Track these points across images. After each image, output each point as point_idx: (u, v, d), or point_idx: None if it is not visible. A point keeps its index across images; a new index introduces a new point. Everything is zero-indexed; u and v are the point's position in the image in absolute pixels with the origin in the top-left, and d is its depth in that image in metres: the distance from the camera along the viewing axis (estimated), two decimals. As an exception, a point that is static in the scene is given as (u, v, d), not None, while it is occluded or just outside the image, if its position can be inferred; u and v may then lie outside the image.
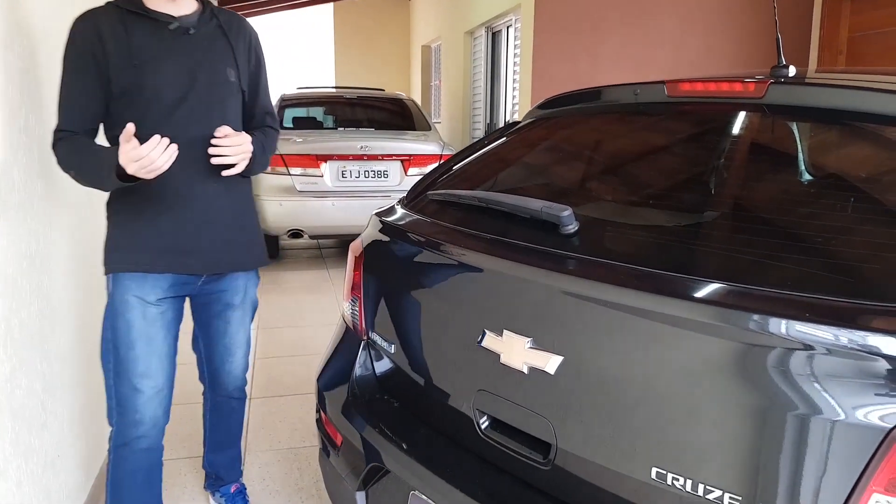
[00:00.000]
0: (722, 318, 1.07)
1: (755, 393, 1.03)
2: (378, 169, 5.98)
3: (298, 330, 4.49)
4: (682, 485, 1.09)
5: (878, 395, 0.95)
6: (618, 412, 1.18)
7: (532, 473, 1.33)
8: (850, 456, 0.97)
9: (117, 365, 1.92)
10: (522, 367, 1.29)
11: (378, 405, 1.67)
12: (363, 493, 1.62)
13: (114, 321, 1.90)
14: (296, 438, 2.99)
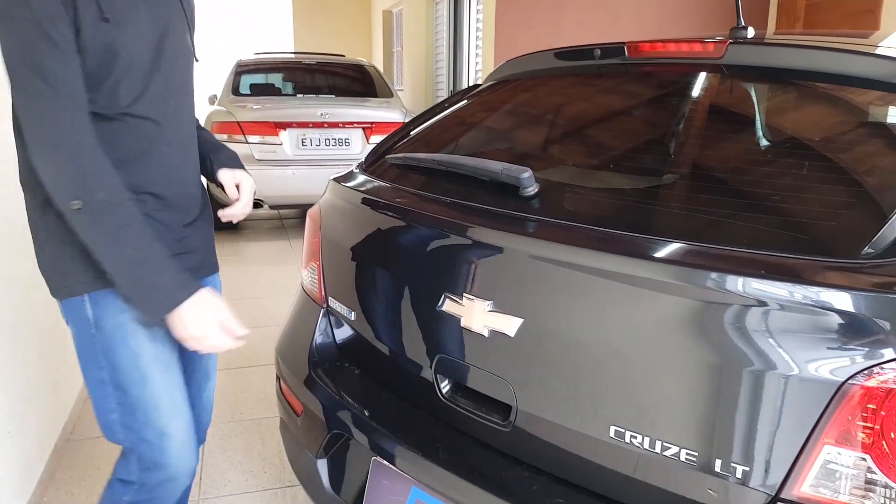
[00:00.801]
0: (679, 276, 1.07)
1: (712, 350, 1.04)
2: (339, 137, 5.89)
3: (260, 301, 4.43)
4: (639, 442, 1.10)
5: (831, 348, 0.96)
6: (577, 372, 1.18)
7: (493, 436, 1.33)
8: (804, 410, 0.98)
9: (129, 412, 1.42)
10: (483, 330, 1.28)
11: (338, 373, 1.65)
12: (324, 460, 1.61)
13: (110, 356, 1.39)
14: (258, 409, 2.96)
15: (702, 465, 1.05)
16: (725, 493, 1.04)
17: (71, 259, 1.35)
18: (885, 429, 0.95)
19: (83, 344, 1.41)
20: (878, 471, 0.95)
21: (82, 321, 1.39)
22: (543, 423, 1.24)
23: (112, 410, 1.43)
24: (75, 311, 1.39)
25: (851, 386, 0.96)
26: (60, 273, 1.37)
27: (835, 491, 0.97)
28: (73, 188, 1.23)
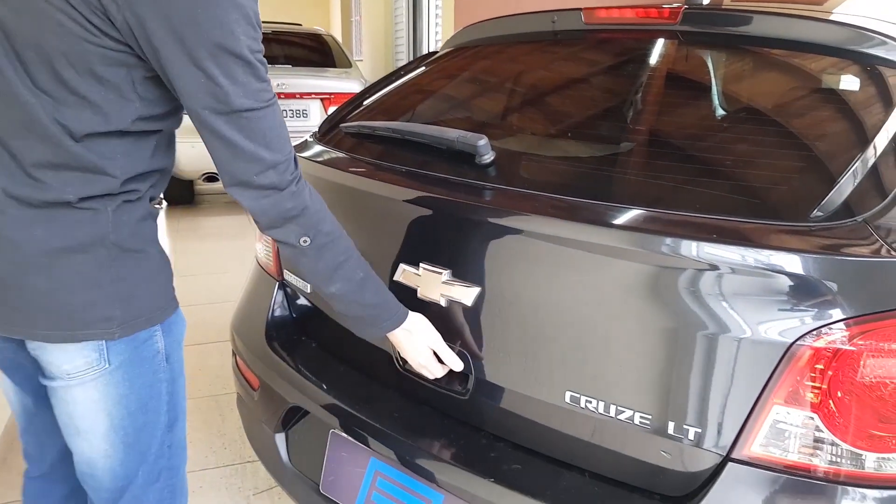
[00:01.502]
0: (634, 242, 1.07)
1: (665, 314, 1.05)
2: (297, 108, 5.77)
3: (217, 276, 4.36)
4: (594, 407, 1.11)
5: (780, 310, 0.97)
6: (533, 339, 1.18)
7: (451, 405, 1.33)
8: (754, 371, 0.99)
9: (175, 453, 1.26)
10: (440, 300, 1.27)
11: (295, 346, 1.63)
12: (282, 434, 1.59)
13: (173, 392, 1.21)
14: (217, 386, 2.93)
15: (655, 427, 1.06)
16: (679, 455, 1.05)
17: (146, 289, 1.11)
18: (832, 388, 0.97)
19: (147, 385, 1.15)
20: (825, 429, 0.97)
21: (150, 357, 1.14)
22: (500, 390, 1.24)
23: (163, 457, 1.21)
24: (141, 348, 1.12)
25: (800, 347, 0.97)
26: (127, 306, 1.08)
27: (784, 450, 0.99)
28: None
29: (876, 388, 0.95)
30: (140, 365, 1.13)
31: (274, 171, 1.03)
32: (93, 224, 1.03)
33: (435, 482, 1.26)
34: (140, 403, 1.15)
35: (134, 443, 1.16)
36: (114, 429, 1.13)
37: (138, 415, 1.15)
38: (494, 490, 1.17)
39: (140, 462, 1.18)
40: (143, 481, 1.19)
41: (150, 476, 1.20)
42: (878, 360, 0.95)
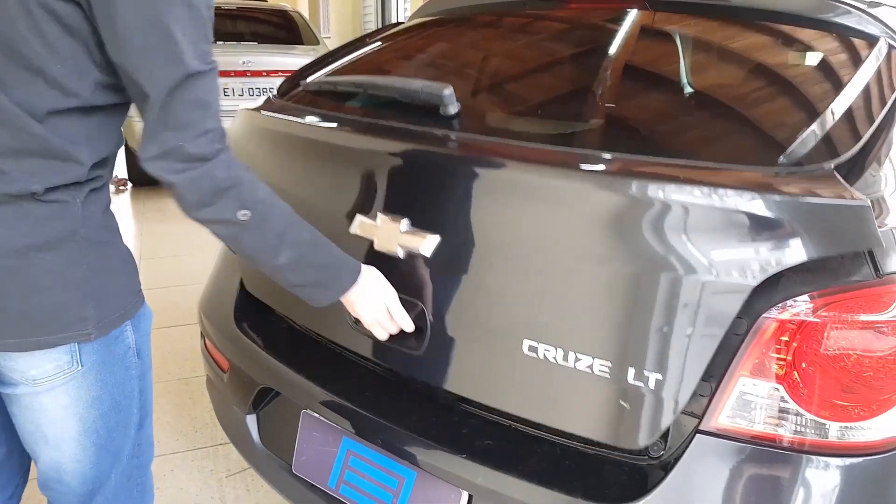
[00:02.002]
0: (598, 185, 1.07)
1: (625, 260, 1.03)
2: (263, 86, 5.67)
3: (184, 258, 4.30)
4: (553, 356, 1.09)
5: (741, 243, 0.97)
6: (491, 289, 1.16)
7: (405, 362, 1.30)
8: (719, 342, 0.99)
9: (144, 451, 1.21)
10: (397, 251, 1.24)
11: (264, 327, 1.61)
12: (254, 416, 1.58)
13: (143, 387, 1.16)
14: (187, 369, 2.89)
15: (615, 375, 1.04)
16: (640, 405, 1.03)
17: (117, 283, 1.06)
18: (796, 360, 0.99)
19: (120, 384, 1.09)
20: (790, 400, 0.99)
21: (122, 354, 1.09)
22: (457, 343, 1.22)
23: (133, 456, 1.17)
24: (115, 345, 1.07)
25: (765, 320, 0.99)
26: (101, 305, 1.02)
27: (750, 421, 1.00)
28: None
29: (839, 359, 0.97)
30: (112, 363, 1.07)
31: (205, 138, 0.94)
32: (62, 218, 0.96)
33: (407, 460, 1.26)
34: (113, 403, 1.09)
35: (107, 444, 1.10)
36: (86, 432, 1.07)
37: (111, 415, 1.09)
38: (467, 466, 1.17)
39: (113, 463, 1.13)
40: (116, 482, 1.14)
41: (123, 476, 1.15)
42: (841, 331, 0.97)
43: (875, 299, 0.96)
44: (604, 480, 1.10)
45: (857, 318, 0.96)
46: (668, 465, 1.06)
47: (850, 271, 0.97)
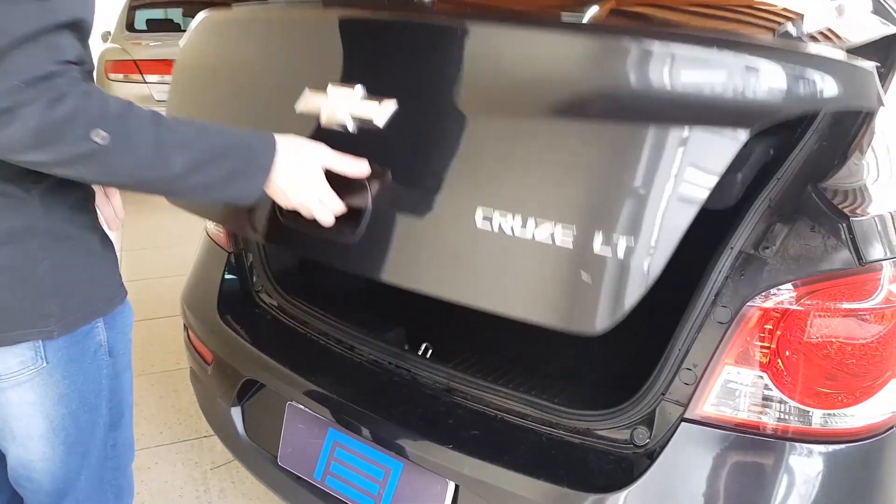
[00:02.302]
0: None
1: (589, 115, 0.96)
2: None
3: (165, 250, 4.26)
4: (510, 226, 0.97)
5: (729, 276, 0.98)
6: (446, 154, 1.05)
7: (339, 254, 1.17)
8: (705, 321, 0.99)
9: (121, 452, 1.17)
10: (348, 122, 1.09)
11: (248, 319, 1.60)
12: (238, 408, 1.57)
13: (116, 387, 1.11)
14: (170, 361, 2.87)
15: (579, 244, 0.93)
16: (603, 277, 0.92)
17: (86, 280, 1.01)
18: (780, 348, 0.99)
19: (88, 382, 1.05)
20: (774, 387, 0.99)
21: (93, 352, 1.04)
22: (406, 224, 1.09)
23: (108, 458, 1.13)
24: (84, 343, 1.03)
25: (750, 308, 0.99)
26: (66, 302, 0.99)
27: (735, 408, 1.01)
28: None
29: (823, 346, 0.98)
30: (81, 361, 1.02)
31: None
32: (17, 211, 0.91)
33: (394, 451, 1.26)
34: (82, 401, 1.04)
35: (75, 443, 1.06)
36: (53, 430, 1.03)
37: (80, 414, 1.05)
38: (453, 456, 1.17)
39: (82, 463, 1.08)
40: (87, 484, 1.10)
41: (94, 478, 1.11)
42: (824, 319, 0.98)
43: (858, 287, 0.97)
44: (590, 469, 1.10)
45: (841, 306, 0.97)
46: (654, 453, 1.07)
47: (833, 259, 0.98)
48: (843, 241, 0.98)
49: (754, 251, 1.02)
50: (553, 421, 1.18)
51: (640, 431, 1.10)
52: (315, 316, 1.51)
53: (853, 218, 0.99)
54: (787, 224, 1.02)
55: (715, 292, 1.03)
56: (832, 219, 0.99)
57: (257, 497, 2.06)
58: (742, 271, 1.02)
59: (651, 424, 1.09)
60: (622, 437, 1.12)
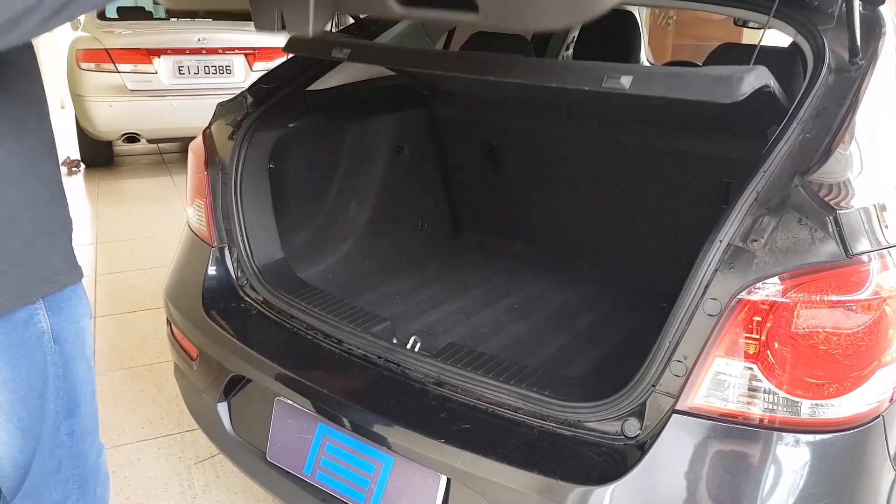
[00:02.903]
0: None
1: None
2: (219, 64, 5.53)
3: (142, 242, 4.19)
4: None
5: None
6: None
7: None
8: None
9: (79, 439, 1.14)
10: None
11: (234, 314, 1.58)
12: (225, 403, 1.56)
13: (68, 375, 1.09)
14: (150, 355, 2.83)
15: None
16: None
17: (12, 265, 0.98)
18: (769, 340, 1.01)
19: (34, 369, 1.04)
20: (764, 378, 1.01)
21: (34, 338, 1.03)
22: None
23: (61, 446, 1.11)
24: (22, 327, 1.01)
25: (739, 301, 1.01)
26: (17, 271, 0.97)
27: (725, 400, 1.03)
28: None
29: (811, 337, 1.00)
30: (22, 347, 1.01)
31: None
32: None
33: (385, 445, 1.26)
34: (29, 387, 1.03)
35: (30, 427, 1.06)
36: (6, 415, 1.03)
37: (28, 399, 1.04)
38: (446, 450, 1.17)
39: (35, 447, 1.08)
40: (41, 469, 1.09)
41: (48, 465, 1.09)
42: (811, 311, 0.99)
43: (845, 279, 0.99)
44: (582, 462, 1.11)
45: (828, 298, 0.98)
46: (645, 444, 1.08)
47: (821, 251, 1.00)
48: (831, 233, 0.99)
49: (743, 244, 1.03)
50: (544, 413, 1.19)
51: (631, 423, 1.11)
52: (302, 310, 1.50)
53: (840, 211, 1.00)
54: (775, 217, 1.03)
55: (705, 285, 1.04)
56: (819, 212, 1.01)
57: (242, 490, 2.05)
58: (731, 264, 1.03)
59: (642, 416, 1.10)
60: (613, 428, 1.13)
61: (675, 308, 1.07)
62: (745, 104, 1.15)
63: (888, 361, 1.00)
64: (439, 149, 2.30)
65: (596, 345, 1.72)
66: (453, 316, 1.86)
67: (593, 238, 2.16)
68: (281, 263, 1.68)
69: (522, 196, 2.23)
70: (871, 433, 1.01)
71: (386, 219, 2.16)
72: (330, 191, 2.05)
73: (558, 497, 1.08)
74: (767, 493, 1.00)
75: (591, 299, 1.97)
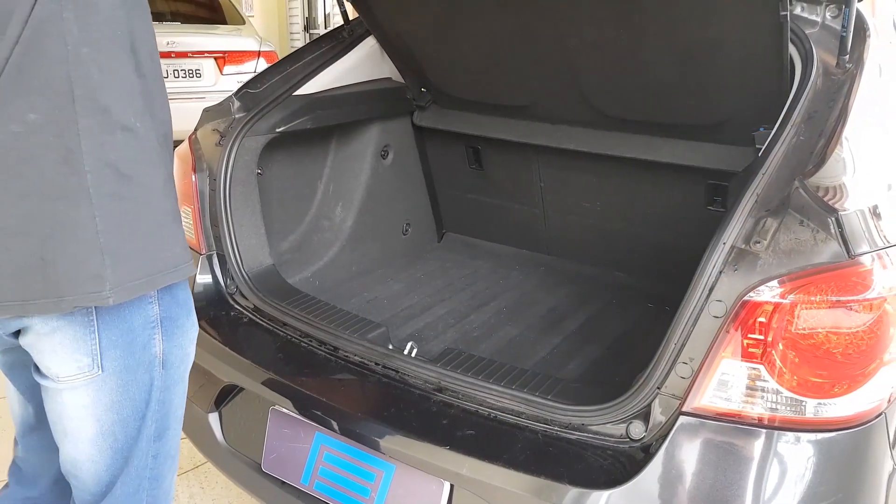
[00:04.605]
0: None
1: None
2: (189, 68, 5.44)
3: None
4: None
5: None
6: None
7: None
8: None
9: (162, 462, 1.13)
10: None
11: (225, 322, 1.55)
12: (216, 414, 1.52)
13: (166, 399, 1.08)
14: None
15: None
16: None
17: (149, 241, 0.96)
18: (775, 340, 1.02)
19: (141, 392, 1.03)
20: (769, 379, 1.02)
21: (147, 364, 1.02)
22: None
23: (146, 468, 1.10)
24: (140, 351, 1.01)
25: (745, 302, 1.02)
26: (120, 257, 0.92)
27: (731, 400, 1.03)
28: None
29: (814, 337, 1.01)
30: (135, 371, 1.01)
31: None
32: None
33: (387, 453, 1.24)
34: (133, 410, 1.04)
35: (122, 448, 1.06)
36: (102, 435, 1.04)
37: (129, 421, 1.04)
38: (449, 457, 1.16)
39: (123, 468, 1.08)
40: (122, 490, 1.09)
41: (131, 486, 1.09)
42: (816, 311, 1.01)
43: (847, 279, 1.00)
44: (589, 465, 1.11)
45: (832, 298, 1.00)
46: (651, 447, 1.08)
47: (823, 252, 1.01)
48: (833, 234, 1.01)
49: (746, 245, 1.04)
50: (547, 417, 1.19)
51: (636, 426, 1.11)
52: (295, 317, 1.48)
53: (841, 212, 1.02)
54: (777, 219, 1.04)
55: (709, 287, 1.05)
56: (821, 213, 1.02)
57: (228, 500, 2.01)
58: (735, 266, 1.04)
59: (647, 419, 1.10)
60: (618, 431, 1.13)
61: (681, 310, 1.07)
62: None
63: (889, 360, 1.02)
64: (423, 152, 2.29)
65: (588, 346, 1.72)
66: (443, 320, 1.85)
67: (577, 240, 2.17)
68: (271, 270, 1.65)
69: (505, 198, 2.23)
70: (874, 430, 1.02)
71: (371, 223, 2.15)
72: (316, 196, 2.03)
73: (566, 501, 1.08)
74: (774, 491, 1.01)
75: (578, 301, 1.98)
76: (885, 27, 1.63)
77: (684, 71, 1.57)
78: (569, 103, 1.82)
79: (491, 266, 2.20)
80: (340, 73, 1.92)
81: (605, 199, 2.03)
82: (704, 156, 1.70)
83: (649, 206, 1.95)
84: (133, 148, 0.93)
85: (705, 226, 1.10)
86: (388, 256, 2.19)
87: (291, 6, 8.94)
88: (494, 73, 1.89)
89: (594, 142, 1.85)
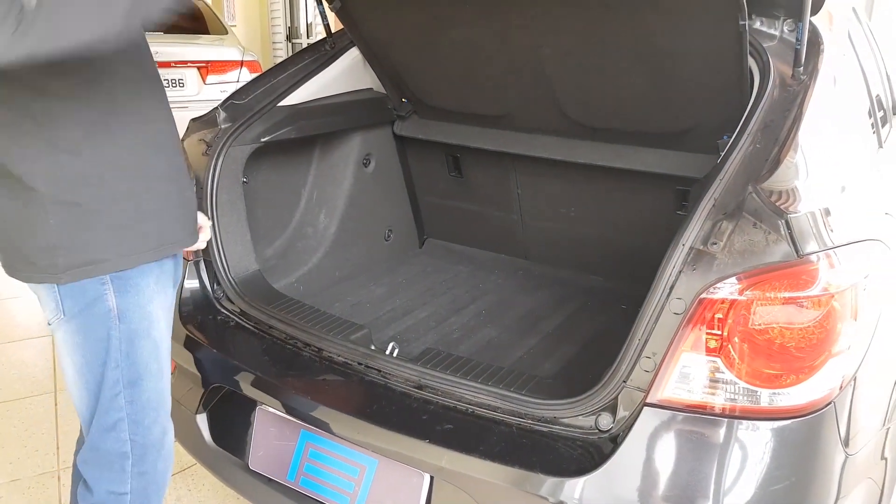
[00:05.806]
0: None
1: None
2: (172, 77, 5.47)
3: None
4: None
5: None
6: None
7: None
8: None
9: (140, 410, 1.27)
10: None
11: (212, 325, 1.60)
12: (204, 415, 1.57)
13: (131, 351, 1.22)
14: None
15: None
16: None
17: (92, 231, 1.13)
18: (730, 335, 1.09)
19: (95, 341, 1.19)
20: (726, 371, 1.09)
21: (100, 314, 1.18)
22: None
23: (119, 410, 1.24)
24: (89, 301, 1.17)
25: (702, 299, 1.09)
26: (71, 249, 1.12)
27: (692, 392, 1.10)
28: None
29: (766, 332, 1.08)
30: (88, 317, 1.18)
31: None
32: None
33: (370, 448, 1.30)
34: (95, 354, 1.20)
35: (91, 387, 1.23)
36: (78, 373, 1.23)
37: (94, 364, 1.21)
38: (430, 450, 1.22)
39: (95, 407, 1.25)
40: (97, 426, 1.25)
41: (104, 422, 1.25)
42: (767, 307, 1.08)
43: (796, 277, 1.07)
44: (560, 455, 1.17)
45: (782, 295, 1.07)
46: (618, 437, 1.15)
47: (774, 252, 1.08)
48: (783, 235, 1.08)
49: (703, 247, 1.11)
50: (522, 411, 1.25)
51: (604, 417, 1.18)
52: (280, 320, 1.54)
53: (790, 215, 1.09)
54: (732, 221, 1.11)
55: (670, 285, 1.12)
56: (772, 216, 1.09)
57: (215, 501, 2.05)
58: (694, 265, 1.11)
59: (614, 410, 1.17)
60: (587, 423, 1.19)
61: (644, 308, 1.14)
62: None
63: (837, 352, 1.09)
64: (404, 161, 2.35)
65: (563, 346, 1.79)
66: (424, 322, 1.91)
67: (553, 244, 2.24)
68: (257, 275, 1.70)
69: (484, 205, 2.30)
70: (825, 418, 1.10)
71: (354, 229, 2.20)
72: (300, 203, 2.09)
73: (539, 489, 1.14)
74: (733, 476, 1.08)
75: (555, 303, 2.05)
76: (840, 39, 1.71)
77: (652, 81, 1.64)
78: (544, 113, 1.89)
79: (470, 270, 2.27)
80: (323, 85, 1.98)
81: (580, 205, 2.10)
82: (672, 163, 1.77)
83: (621, 211, 2.02)
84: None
85: (674, 230, 1.18)
86: (370, 262, 2.25)
87: (274, 16, 8.99)
88: (473, 83, 1.96)
89: (568, 151, 1.92)
